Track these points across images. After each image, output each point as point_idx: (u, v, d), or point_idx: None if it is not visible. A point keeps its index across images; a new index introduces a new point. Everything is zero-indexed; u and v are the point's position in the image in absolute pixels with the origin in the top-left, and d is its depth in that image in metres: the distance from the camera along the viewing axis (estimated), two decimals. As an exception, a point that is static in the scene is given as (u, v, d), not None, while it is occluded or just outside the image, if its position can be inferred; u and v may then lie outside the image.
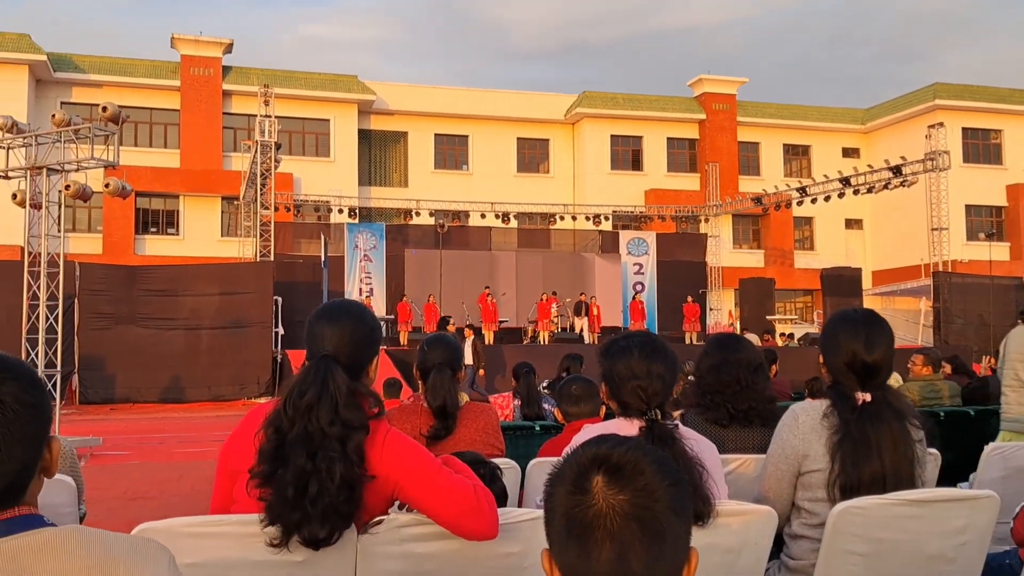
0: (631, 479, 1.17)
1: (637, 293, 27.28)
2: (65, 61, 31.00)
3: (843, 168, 27.48)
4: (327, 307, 2.34)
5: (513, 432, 5.36)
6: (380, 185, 34.59)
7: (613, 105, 36.35)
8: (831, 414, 2.55)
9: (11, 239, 25.79)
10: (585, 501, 1.17)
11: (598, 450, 1.22)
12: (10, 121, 10.97)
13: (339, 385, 2.10)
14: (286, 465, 2.03)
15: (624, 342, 2.61)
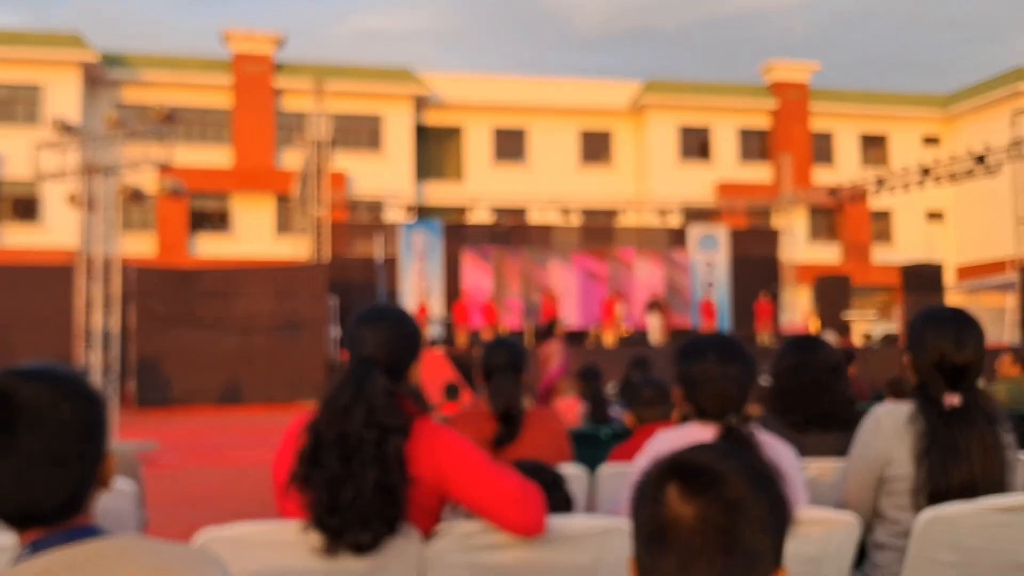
0: (706, 489, 1.16)
1: (708, 291, 26.99)
2: (117, 60, 31.88)
3: (923, 157, 26.90)
4: (367, 311, 2.39)
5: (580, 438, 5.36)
6: (436, 180, 34.81)
7: (680, 94, 35.97)
8: (917, 418, 2.51)
9: (66, 241, 26.67)
10: (657, 511, 1.18)
11: (677, 456, 1.23)
12: (63, 123, 11.29)
13: (376, 388, 2.15)
14: (321, 468, 2.08)
15: (701, 344, 2.61)
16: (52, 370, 1.38)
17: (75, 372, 1.41)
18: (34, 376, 1.35)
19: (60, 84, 30.42)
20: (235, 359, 18.78)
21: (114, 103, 30.21)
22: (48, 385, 1.35)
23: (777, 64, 36.82)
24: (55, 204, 25.54)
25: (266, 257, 26.05)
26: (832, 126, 37.35)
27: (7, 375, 1.35)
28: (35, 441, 1.31)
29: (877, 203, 32.16)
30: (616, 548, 2.23)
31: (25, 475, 1.31)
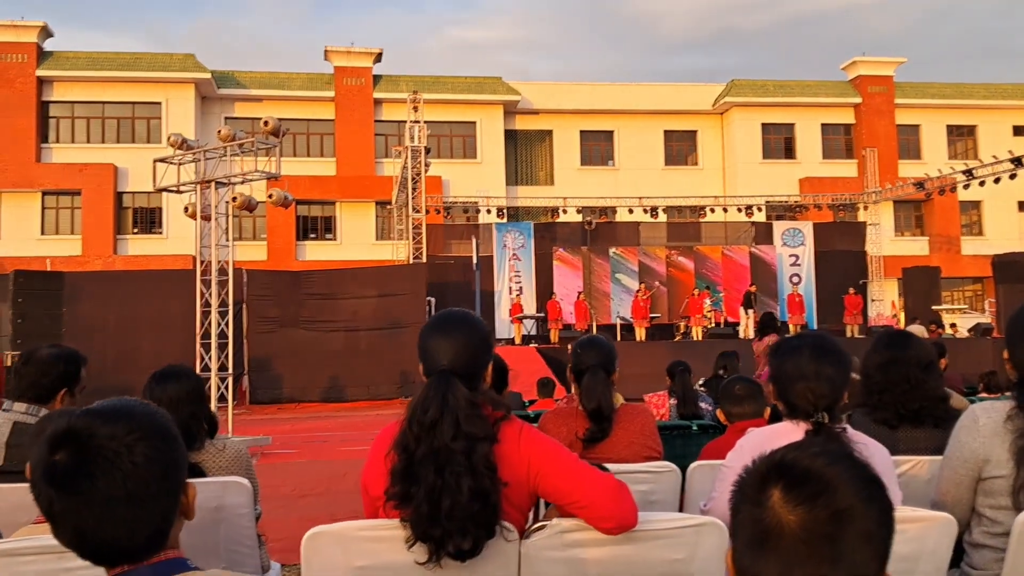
0: (812, 495, 1.09)
1: (795, 286, 26.39)
2: (228, 78, 32.94)
3: (1014, 148, 25.58)
4: (437, 320, 2.33)
5: (670, 432, 5.28)
6: (527, 184, 34.92)
7: (763, 92, 35.28)
8: (1016, 416, 2.38)
9: (184, 249, 27.69)
10: (759, 513, 1.12)
11: (783, 457, 1.16)
12: (180, 139, 11.69)
13: (459, 399, 2.11)
14: (418, 483, 2.06)
15: (796, 341, 2.54)
16: (128, 409, 1.36)
17: (151, 409, 1.39)
18: (110, 417, 1.33)
19: (177, 102, 31.64)
20: (340, 357, 19.17)
21: (226, 119, 31.24)
22: (124, 426, 1.32)
23: (861, 60, 35.72)
24: (175, 215, 26.56)
25: (367, 261, 26.50)
26: (918, 119, 36.00)
27: (83, 417, 1.33)
28: (112, 483, 1.28)
29: (966, 195, 30.79)
30: (709, 544, 2.18)
31: (105, 516, 1.29)
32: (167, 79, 31.54)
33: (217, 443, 3.11)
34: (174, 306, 16.78)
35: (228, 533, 2.88)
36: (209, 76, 31.87)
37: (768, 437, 2.48)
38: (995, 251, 28.21)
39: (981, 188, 26.26)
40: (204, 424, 3.09)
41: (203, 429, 3.08)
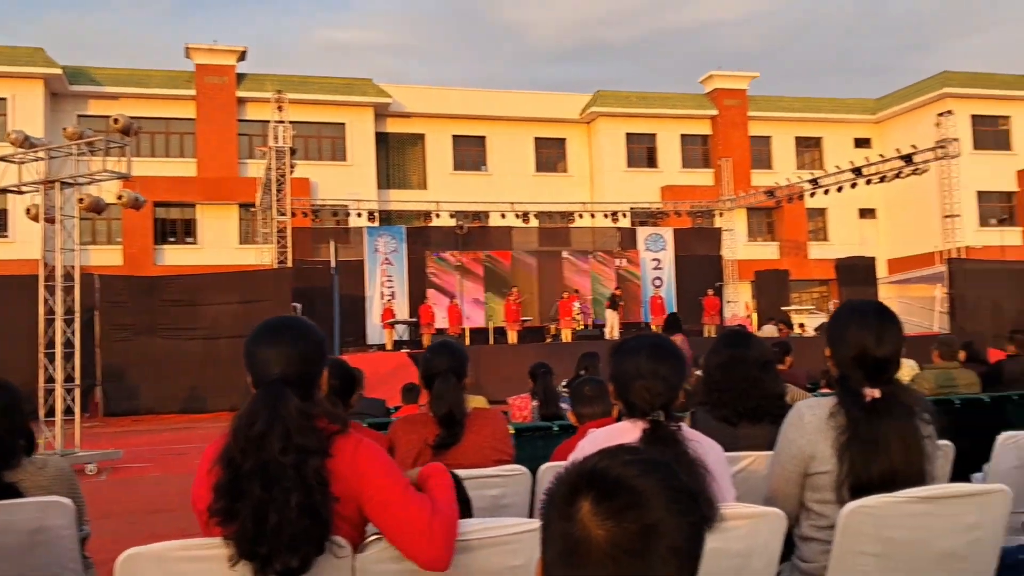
0: (622, 509, 1.04)
1: (657, 288, 27.20)
2: (81, 74, 31.20)
3: (855, 158, 27.19)
4: (266, 327, 2.20)
5: (531, 433, 5.29)
6: (399, 188, 34.60)
7: (627, 104, 36.25)
8: (838, 412, 2.46)
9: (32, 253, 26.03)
10: (568, 527, 1.06)
11: (594, 466, 1.10)
12: (22, 136, 10.91)
13: (290, 411, 2.01)
14: (243, 499, 1.95)
15: (634, 342, 2.57)
16: None
17: None
18: None
19: (24, 98, 29.68)
20: (200, 366, 18.40)
21: (78, 116, 29.55)
22: None
23: (717, 74, 37.19)
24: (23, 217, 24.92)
25: (230, 266, 25.61)
26: (769, 131, 37.80)
27: None
28: None
29: (812, 202, 32.56)
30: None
31: None
32: (13, 73, 29.53)
33: (36, 461, 2.87)
34: (19, 314, 15.69)
35: (49, 557, 2.66)
36: (60, 72, 30.06)
37: (607, 437, 2.49)
38: (838, 255, 29.92)
39: (826, 196, 27.82)
40: (20, 440, 2.84)
41: (19, 446, 2.84)
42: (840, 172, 26.13)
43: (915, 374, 7.16)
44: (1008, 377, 6.82)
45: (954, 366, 6.80)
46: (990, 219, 33.71)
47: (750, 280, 30.46)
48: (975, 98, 35.91)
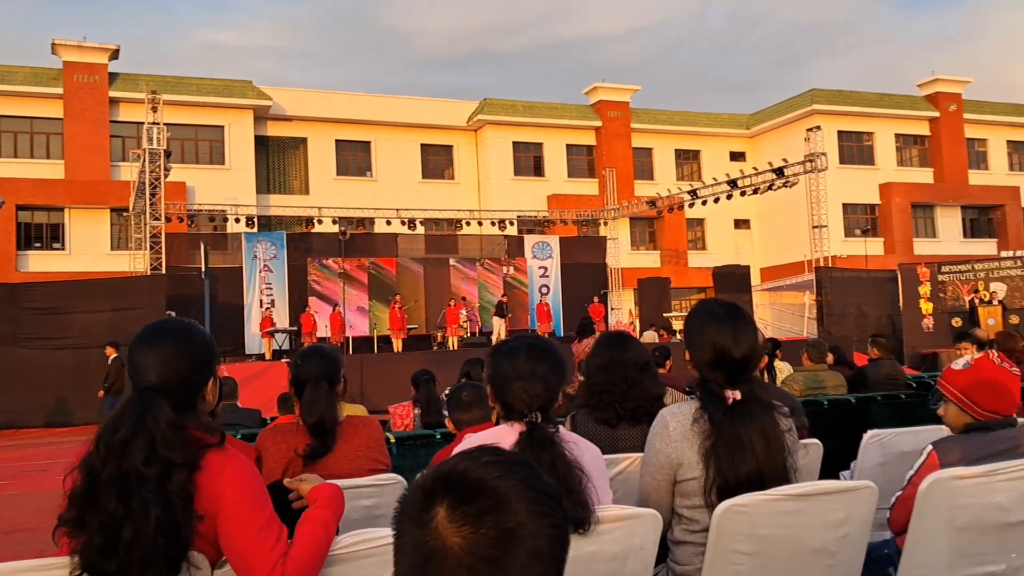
0: (480, 513, 0.97)
1: (544, 296, 27.42)
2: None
3: (730, 171, 28.21)
4: (145, 331, 2.09)
5: (413, 441, 5.21)
6: (279, 193, 33.72)
7: (513, 112, 36.47)
8: (701, 417, 2.45)
9: None
10: (422, 536, 0.98)
11: (452, 469, 1.02)
12: None
13: (158, 420, 1.90)
14: (96, 509, 1.82)
15: (514, 343, 2.52)
16: None
17: None
18: None
19: None
20: (68, 377, 17.46)
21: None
22: None
23: (601, 86, 37.87)
24: None
25: (101, 273, 24.35)
26: (651, 143, 38.75)
27: None
28: None
29: (692, 213, 33.57)
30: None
31: None
32: None
33: None
34: None
35: None
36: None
37: (485, 441, 2.42)
38: (716, 263, 30.93)
39: (704, 207, 28.73)
40: None
41: None
42: (717, 184, 27.02)
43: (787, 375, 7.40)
44: (872, 379, 7.12)
45: (822, 368, 7.05)
46: (855, 230, 35.49)
47: (633, 288, 31.11)
48: (841, 115, 37.83)
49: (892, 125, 39.22)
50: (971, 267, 23.92)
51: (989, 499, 2.55)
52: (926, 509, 2.58)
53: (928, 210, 39.35)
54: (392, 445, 5.41)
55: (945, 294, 23.58)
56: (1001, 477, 2.56)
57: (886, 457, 3.60)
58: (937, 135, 39.51)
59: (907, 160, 39.92)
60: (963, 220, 39.93)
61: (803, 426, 3.73)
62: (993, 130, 40.85)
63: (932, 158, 39.81)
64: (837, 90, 38.77)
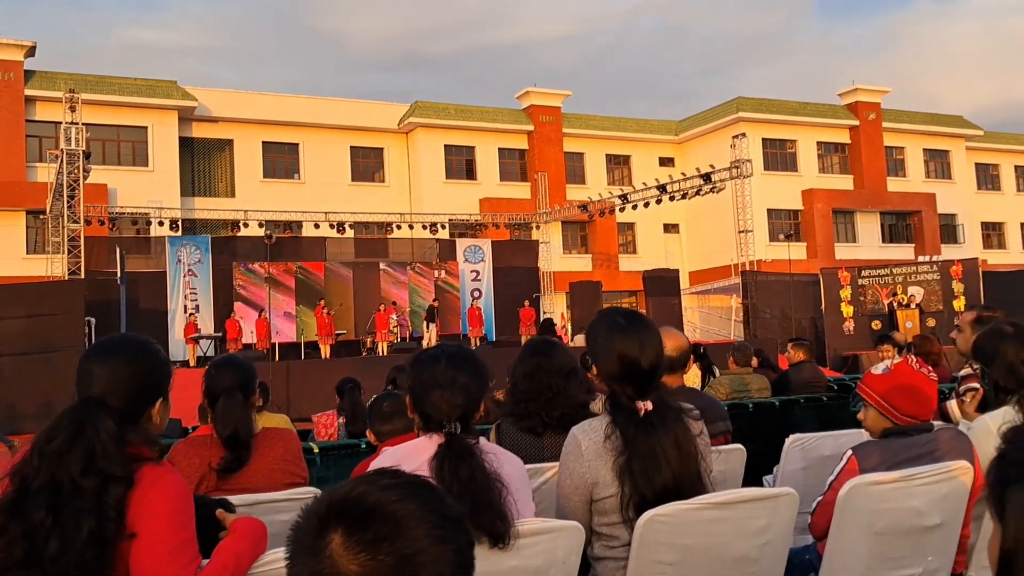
0: (378, 540, 0.92)
1: (475, 300, 27.33)
2: None
3: (660, 176, 28.53)
4: (100, 343, 2.09)
5: (337, 452, 5.12)
6: (205, 196, 32.96)
7: (445, 116, 36.35)
8: (613, 433, 2.40)
9: None
10: (316, 565, 0.92)
11: (347, 493, 0.96)
12: None
13: (99, 431, 1.84)
14: (20, 518, 1.74)
15: (434, 351, 2.45)
16: None
17: None
18: None
19: None
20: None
21: None
22: None
23: (533, 91, 38.03)
24: None
25: (16, 278, 23.44)
26: (582, 147, 39.05)
27: None
28: None
29: (623, 217, 33.92)
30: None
31: None
32: None
33: None
34: None
35: None
36: None
37: (404, 455, 2.35)
38: (646, 267, 31.26)
39: (634, 211, 29.07)
40: None
41: None
42: (647, 189, 27.36)
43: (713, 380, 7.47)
44: (795, 382, 7.23)
45: (747, 372, 7.14)
46: (779, 235, 36.30)
47: (565, 291, 31.26)
48: (766, 123, 38.69)
49: (814, 133, 40.26)
50: (890, 271, 24.65)
51: (907, 503, 2.58)
52: (846, 514, 2.60)
53: (849, 216, 40.50)
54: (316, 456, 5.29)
55: (865, 298, 24.24)
56: (918, 482, 2.59)
57: (808, 461, 3.63)
58: (857, 143, 40.70)
59: (828, 167, 41.02)
60: (882, 226, 41.22)
61: (728, 431, 3.74)
62: (910, 139, 42.28)
63: (852, 165, 40.99)
64: (762, 98, 39.65)
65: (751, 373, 7.17)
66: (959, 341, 4.08)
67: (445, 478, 2.16)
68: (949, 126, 43.13)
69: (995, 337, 3.08)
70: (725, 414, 3.84)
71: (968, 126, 43.77)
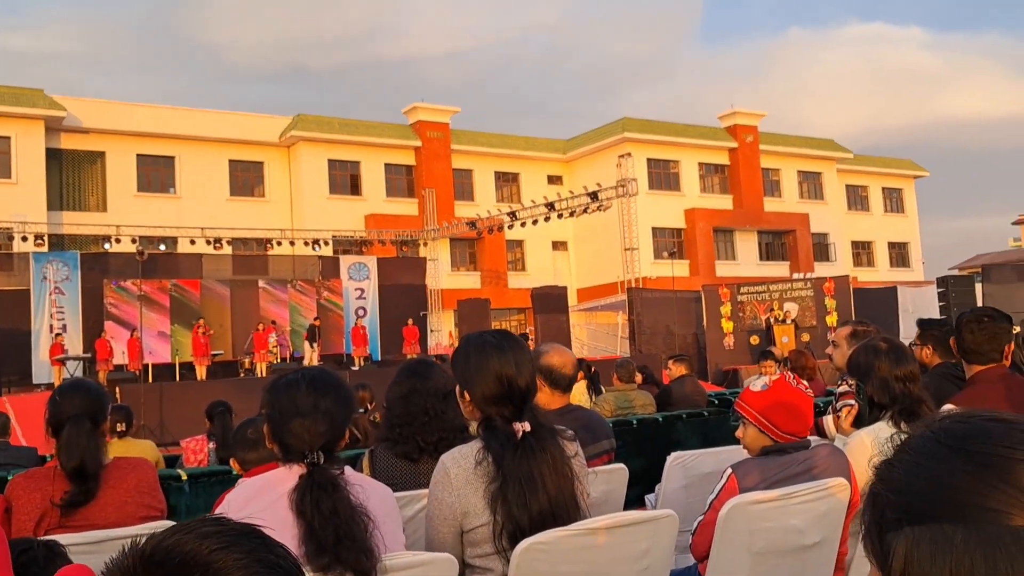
0: None
1: (360, 318, 26.85)
2: None
3: (548, 194, 28.96)
4: None
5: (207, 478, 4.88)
6: (74, 210, 31.35)
7: (329, 129, 35.73)
8: (484, 459, 2.28)
9: None
10: None
11: (157, 544, 0.83)
12: None
13: None
14: None
15: (294, 376, 2.29)
16: None
17: None
18: None
19: None
20: None
21: None
22: None
23: (421, 106, 37.86)
24: None
25: None
26: (471, 164, 39.12)
27: None
28: None
29: (511, 234, 34.10)
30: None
31: None
32: None
33: None
34: None
35: None
36: None
37: (260, 487, 2.18)
38: (535, 284, 31.47)
39: (523, 229, 29.25)
40: None
41: None
42: (535, 206, 27.61)
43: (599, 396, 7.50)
44: (676, 397, 7.33)
45: (631, 388, 7.19)
46: (663, 252, 37.25)
47: (453, 309, 31.14)
48: (650, 143, 39.72)
49: (696, 154, 41.58)
50: (767, 288, 25.58)
51: (786, 522, 2.57)
52: (726, 534, 2.57)
53: (728, 234, 41.95)
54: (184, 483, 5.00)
55: (744, 314, 25.07)
56: (797, 500, 2.58)
57: (689, 479, 3.63)
58: (736, 164, 42.25)
59: (709, 187, 42.41)
60: (759, 244, 42.86)
61: (612, 449, 3.70)
62: (785, 161, 44.18)
63: (732, 186, 42.51)
64: (646, 119, 40.70)
65: (635, 389, 7.23)
66: (835, 356, 4.17)
67: (306, 512, 2.01)
68: (821, 149, 45.31)
69: (869, 353, 3.14)
70: (610, 432, 3.80)
71: (839, 149, 46.08)
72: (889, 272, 46.11)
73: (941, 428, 0.79)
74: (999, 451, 0.74)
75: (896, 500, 0.77)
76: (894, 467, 0.79)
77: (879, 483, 0.79)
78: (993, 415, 0.79)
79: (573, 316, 30.28)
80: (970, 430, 0.77)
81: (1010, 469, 0.73)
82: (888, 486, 0.78)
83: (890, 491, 0.78)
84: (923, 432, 0.80)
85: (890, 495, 0.78)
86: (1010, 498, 0.72)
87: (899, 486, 0.77)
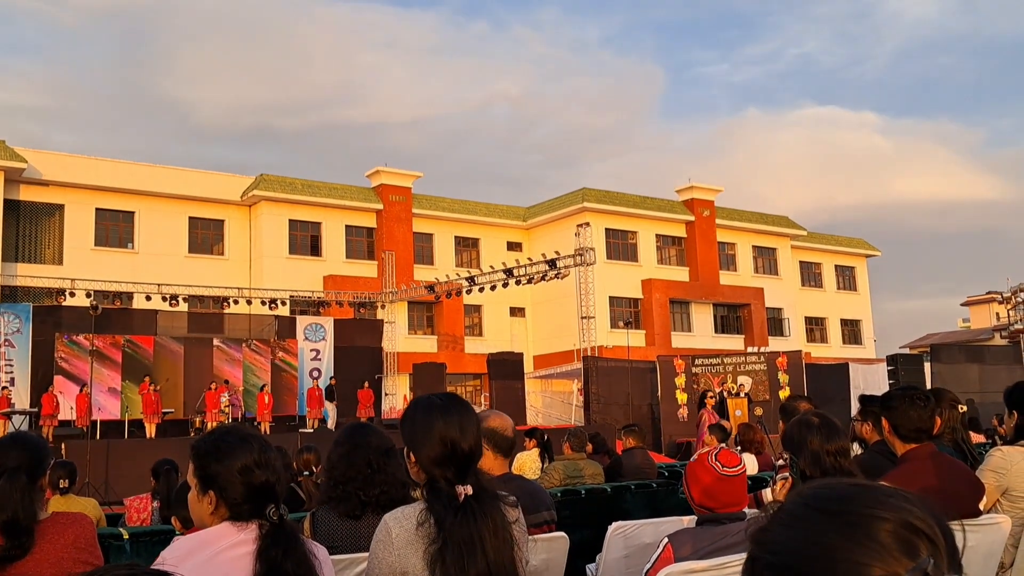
0: None
1: (315, 380, 26.54)
2: None
3: (507, 260, 29.17)
4: None
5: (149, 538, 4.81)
6: (29, 262, 30.88)
7: (291, 190, 35.81)
8: (427, 520, 2.31)
9: None
10: None
11: None
12: None
13: None
14: None
15: (233, 433, 2.33)
16: None
17: None
18: None
19: None
20: None
21: None
22: None
23: (384, 170, 38.18)
24: None
25: None
26: (432, 228, 39.35)
27: None
28: None
29: (470, 299, 34.18)
30: None
31: None
32: None
33: None
34: None
35: None
36: None
37: (197, 545, 2.18)
38: (491, 350, 31.48)
39: (482, 294, 29.35)
40: None
41: None
42: (494, 272, 27.77)
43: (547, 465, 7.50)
44: (627, 468, 7.36)
45: (581, 457, 7.21)
46: (619, 322, 37.54)
47: (409, 372, 30.95)
48: (608, 213, 40.35)
49: (653, 226, 42.29)
50: (721, 360, 25.83)
51: (717, 591, 2.61)
52: (661, 603, 2.60)
53: (684, 306, 42.47)
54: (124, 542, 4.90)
55: (698, 385, 25.22)
56: (731, 570, 2.64)
57: (630, 549, 3.66)
58: (693, 237, 43.01)
59: (666, 259, 43.06)
60: (715, 316, 43.41)
61: (552, 520, 3.71)
62: (741, 235, 45.09)
63: (688, 258, 43.19)
64: (605, 191, 41.40)
65: (584, 459, 7.24)
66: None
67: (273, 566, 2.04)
68: (776, 225, 46.36)
69: (802, 428, 3.23)
70: (550, 503, 3.81)
71: (793, 226, 47.17)
72: (842, 348, 46.84)
73: (810, 494, 0.88)
74: (862, 511, 0.84)
75: (773, 560, 0.84)
76: (768, 531, 0.86)
77: (755, 547, 0.87)
78: (854, 481, 0.89)
79: (529, 383, 30.26)
80: (835, 494, 0.86)
81: (871, 526, 0.82)
82: (764, 549, 0.85)
83: (767, 553, 0.85)
84: (794, 499, 0.88)
85: (767, 556, 0.85)
86: (872, 552, 0.82)
87: (775, 547, 0.85)
